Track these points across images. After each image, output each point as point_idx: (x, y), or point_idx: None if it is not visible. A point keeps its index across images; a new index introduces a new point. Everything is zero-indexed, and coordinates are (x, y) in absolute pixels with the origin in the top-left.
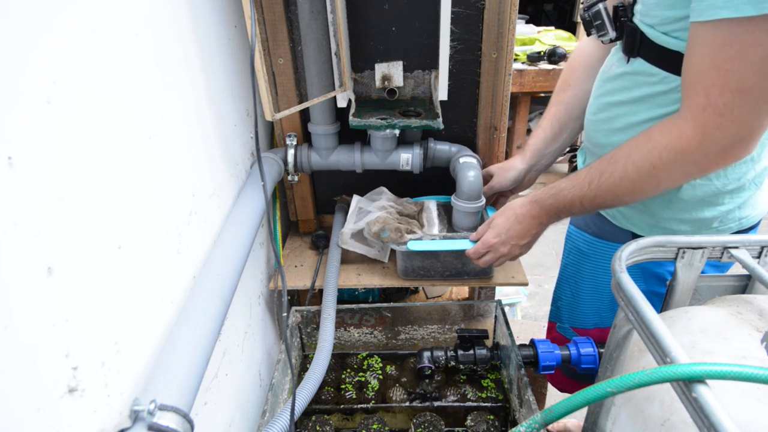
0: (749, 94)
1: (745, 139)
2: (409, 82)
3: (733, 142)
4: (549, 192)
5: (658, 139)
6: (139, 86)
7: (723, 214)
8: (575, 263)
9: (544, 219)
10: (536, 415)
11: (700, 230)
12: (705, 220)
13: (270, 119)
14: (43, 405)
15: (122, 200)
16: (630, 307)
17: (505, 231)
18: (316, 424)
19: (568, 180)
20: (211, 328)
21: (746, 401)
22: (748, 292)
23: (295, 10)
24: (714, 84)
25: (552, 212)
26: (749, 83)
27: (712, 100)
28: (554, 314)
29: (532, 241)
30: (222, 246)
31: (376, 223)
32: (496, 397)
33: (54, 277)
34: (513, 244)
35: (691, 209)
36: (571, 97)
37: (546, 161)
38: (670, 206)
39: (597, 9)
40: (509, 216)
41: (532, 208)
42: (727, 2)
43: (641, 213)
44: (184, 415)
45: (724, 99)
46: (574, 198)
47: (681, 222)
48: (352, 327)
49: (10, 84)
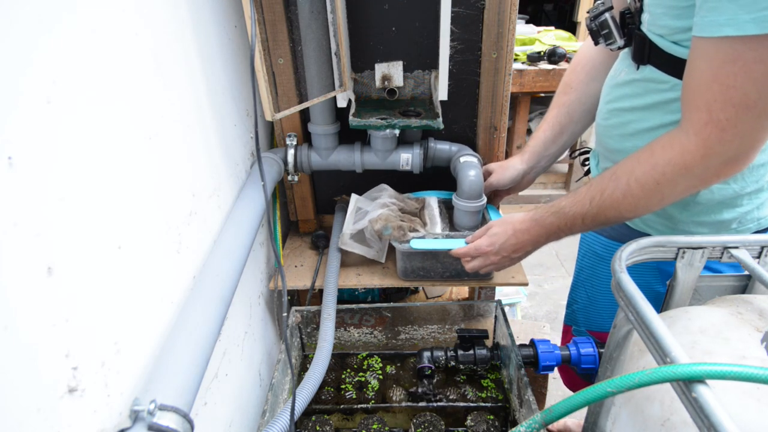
0: (752, 110)
1: (746, 152)
2: (409, 82)
3: (735, 156)
4: (550, 210)
5: (660, 155)
6: (139, 86)
7: (742, 215)
8: (591, 266)
9: (542, 240)
10: (536, 415)
11: (719, 232)
12: (724, 222)
13: (270, 119)
14: (43, 405)
15: (122, 200)
16: (630, 307)
17: (500, 243)
18: (316, 424)
19: (568, 198)
20: (211, 328)
21: (746, 401)
22: (748, 292)
23: (295, 10)
24: (716, 99)
25: (552, 231)
26: (752, 99)
27: (714, 115)
28: (570, 317)
29: (524, 256)
30: (222, 246)
31: (378, 220)
32: (496, 397)
33: (54, 277)
34: (504, 256)
35: (710, 212)
36: (572, 100)
37: (545, 163)
38: (688, 209)
39: (604, 18)
40: (507, 230)
41: (531, 227)
42: (730, 20)
43: (659, 216)
44: (184, 415)
45: (726, 114)
46: (576, 216)
47: (700, 225)
48: (352, 327)
49: (10, 84)
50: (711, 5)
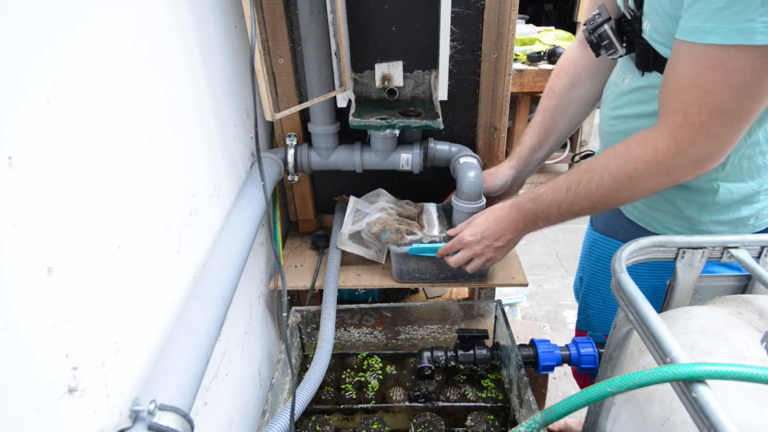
0: (726, 116)
1: (716, 154)
2: (409, 82)
3: (704, 157)
4: (528, 196)
5: (635, 151)
6: (139, 86)
7: (758, 210)
8: (604, 270)
9: (521, 225)
10: (536, 415)
11: (738, 228)
12: (742, 219)
13: (270, 119)
14: (43, 405)
15: (122, 200)
16: (630, 307)
17: (481, 231)
18: (316, 424)
19: (547, 186)
20: (211, 328)
21: (746, 401)
22: (748, 292)
23: (295, 10)
24: (693, 103)
25: (529, 217)
26: (727, 105)
27: (689, 118)
28: (584, 323)
29: (507, 247)
30: (222, 246)
31: (376, 224)
32: (496, 397)
33: (54, 277)
34: (487, 245)
35: (729, 210)
36: (555, 106)
37: (532, 167)
38: (707, 209)
39: (603, 30)
40: (488, 216)
41: (510, 211)
42: (715, 28)
43: (677, 218)
44: (184, 415)
45: (701, 118)
46: (552, 203)
47: (719, 224)
48: (352, 327)
49: (10, 84)
50: (696, 11)
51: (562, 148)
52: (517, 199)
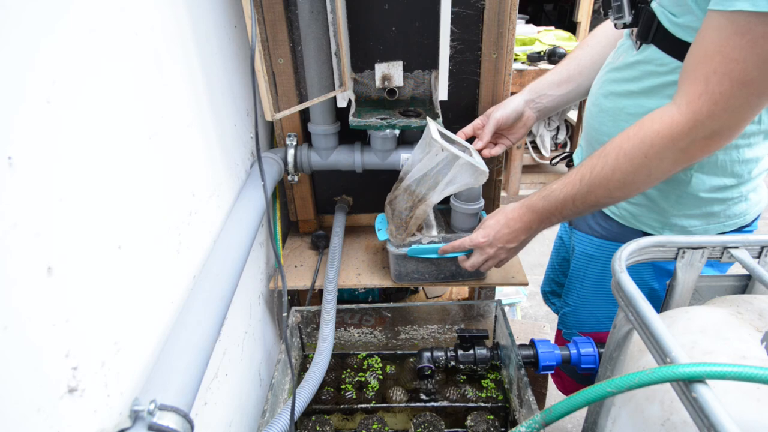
0: (747, 87)
1: (732, 127)
2: (409, 82)
3: (720, 130)
4: (540, 194)
5: (649, 127)
6: (138, 86)
7: (729, 207)
8: (582, 267)
9: (535, 225)
10: (536, 415)
11: (708, 224)
12: (713, 214)
13: (270, 119)
14: (43, 405)
15: (122, 200)
16: (630, 307)
17: (494, 233)
18: (316, 424)
19: (559, 181)
20: (211, 328)
21: (746, 401)
22: (748, 292)
23: (295, 10)
24: (716, 71)
25: (543, 216)
26: (751, 76)
27: (710, 87)
28: (561, 321)
29: (520, 247)
30: (222, 246)
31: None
32: (496, 397)
33: (54, 277)
34: (500, 247)
35: (702, 204)
36: (584, 54)
37: (546, 102)
38: (680, 201)
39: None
40: (500, 219)
41: (523, 213)
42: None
43: (651, 211)
44: (184, 415)
45: (722, 88)
46: (567, 197)
47: (690, 217)
48: (352, 327)
49: (10, 84)
50: None
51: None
52: (530, 199)
